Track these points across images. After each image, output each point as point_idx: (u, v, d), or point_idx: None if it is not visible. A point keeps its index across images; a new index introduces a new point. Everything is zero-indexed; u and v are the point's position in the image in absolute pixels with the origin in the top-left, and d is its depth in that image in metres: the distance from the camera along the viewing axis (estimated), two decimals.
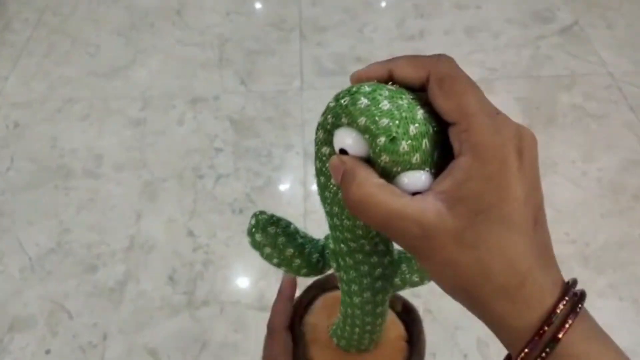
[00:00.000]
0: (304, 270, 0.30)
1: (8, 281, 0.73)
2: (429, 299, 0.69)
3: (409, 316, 0.36)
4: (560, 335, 0.20)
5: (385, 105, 0.21)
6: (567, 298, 0.21)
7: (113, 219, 0.79)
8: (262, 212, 0.28)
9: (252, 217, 0.28)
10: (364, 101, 0.21)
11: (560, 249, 0.73)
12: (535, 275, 0.21)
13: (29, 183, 0.84)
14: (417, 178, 0.20)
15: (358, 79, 0.23)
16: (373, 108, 0.21)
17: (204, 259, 0.75)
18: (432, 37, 1.05)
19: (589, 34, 1.05)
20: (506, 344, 0.22)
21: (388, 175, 0.21)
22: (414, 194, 0.20)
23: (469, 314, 0.68)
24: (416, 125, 0.20)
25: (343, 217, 0.25)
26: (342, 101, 0.21)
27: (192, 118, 0.93)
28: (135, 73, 1.01)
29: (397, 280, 0.31)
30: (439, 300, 0.69)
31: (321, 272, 0.31)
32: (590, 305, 0.64)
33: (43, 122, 0.93)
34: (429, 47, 1.02)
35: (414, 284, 0.31)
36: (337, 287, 0.33)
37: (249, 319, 0.69)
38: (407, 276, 0.31)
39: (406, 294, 0.48)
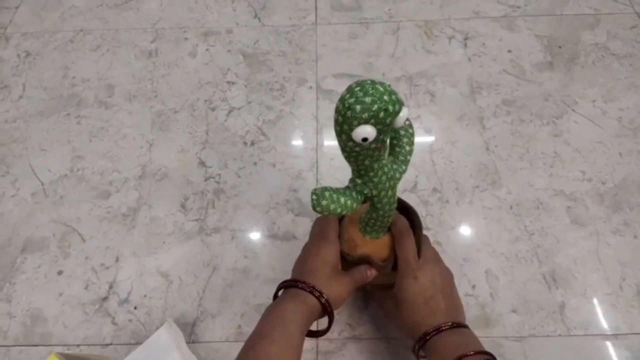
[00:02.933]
0: (355, 206, 0.47)
1: (20, 205, 0.74)
2: (438, 231, 0.69)
3: (408, 211, 0.57)
4: (429, 337, 0.49)
5: (368, 100, 0.37)
6: (448, 325, 0.49)
7: (125, 148, 0.79)
8: (315, 189, 0.45)
9: (312, 194, 0.44)
10: (357, 108, 0.37)
11: (575, 187, 0.72)
12: (423, 322, 0.50)
13: (41, 111, 0.84)
14: (404, 114, 0.39)
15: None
16: (367, 107, 0.37)
17: (215, 188, 0.75)
18: None
19: None
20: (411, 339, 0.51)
21: (391, 124, 0.39)
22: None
23: (477, 246, 0.68)
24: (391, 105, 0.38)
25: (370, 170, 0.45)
26: (348, 113, 0.38)
27: (205, 51, 0.91)
28: (145, 4, 0.99)
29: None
30: (447, 232, 0.69)
31: (361, 203, 0.48)
32: (604, 242, 0.64)
33: (54, 51, 0.92)
34: None
35: (397, 181, 0.49)
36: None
37: (259, 246, 0.69)
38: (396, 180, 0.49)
39: None
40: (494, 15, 0.94)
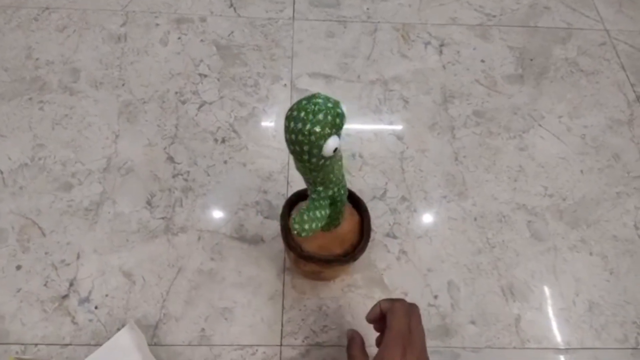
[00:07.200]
0: (327, 213, 0.50)
1: None
2: (404, 239, 0.70)
3: (356, 201, 0.60)
4: None
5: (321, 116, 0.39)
6: None
7: (90, 138, 0.77)
8: (293, 218, 0.48)
9: (292, 224, 0.47)
10: (318, 129, 0.39)
11: (536, 202, 0.74)
12: None
13: (1, 93, 0.80)
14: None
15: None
16: (325, 123, 0.39)
17: (183, 185, 0.73)
18: None
19: None
20: None
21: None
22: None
23: (441, 257, 0.69)
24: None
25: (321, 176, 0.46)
26: (312, 136, 0.40)
27: (177, 39, 0.89)
28: None
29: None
30: (414, 242, 0.70)
31: (329, 207, 0.50)
32: (561, 257, 0.66)
33: (17, 29, 0.88)
34: None
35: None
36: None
37: (226, 248, 0.69)
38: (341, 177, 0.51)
39: (383, 235, 0.73)
40: (470, 23, 0.94)
